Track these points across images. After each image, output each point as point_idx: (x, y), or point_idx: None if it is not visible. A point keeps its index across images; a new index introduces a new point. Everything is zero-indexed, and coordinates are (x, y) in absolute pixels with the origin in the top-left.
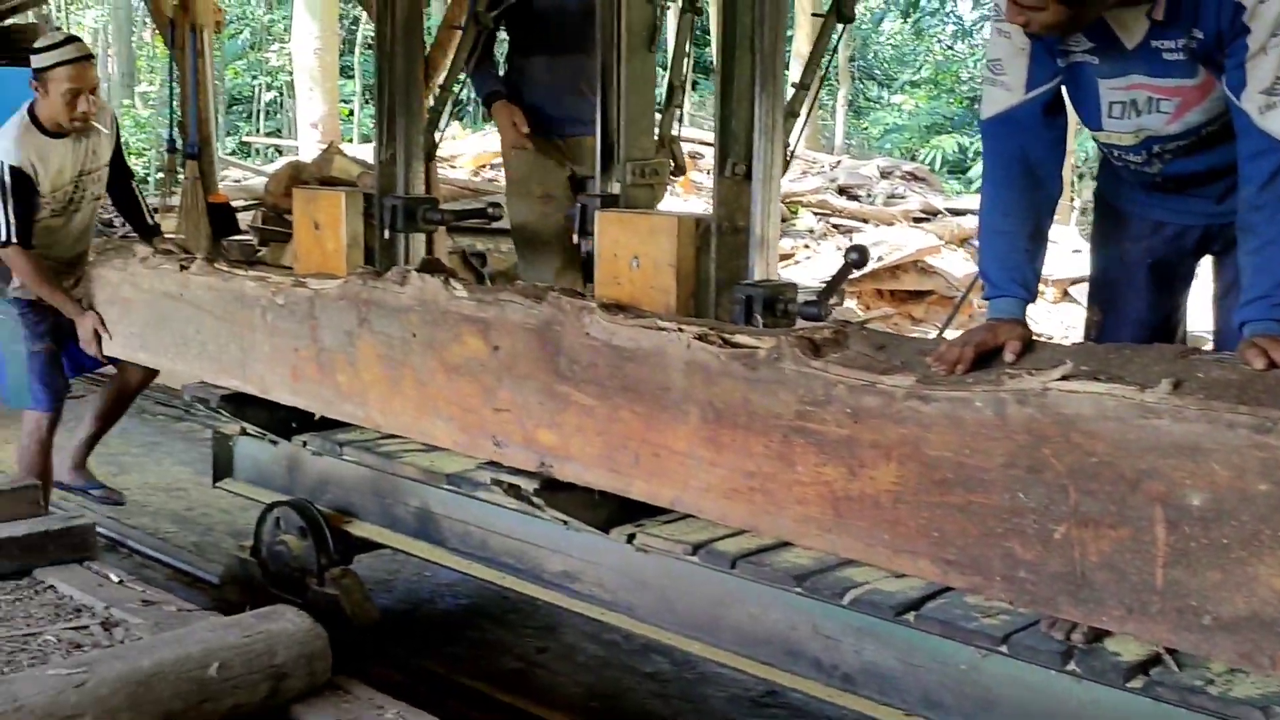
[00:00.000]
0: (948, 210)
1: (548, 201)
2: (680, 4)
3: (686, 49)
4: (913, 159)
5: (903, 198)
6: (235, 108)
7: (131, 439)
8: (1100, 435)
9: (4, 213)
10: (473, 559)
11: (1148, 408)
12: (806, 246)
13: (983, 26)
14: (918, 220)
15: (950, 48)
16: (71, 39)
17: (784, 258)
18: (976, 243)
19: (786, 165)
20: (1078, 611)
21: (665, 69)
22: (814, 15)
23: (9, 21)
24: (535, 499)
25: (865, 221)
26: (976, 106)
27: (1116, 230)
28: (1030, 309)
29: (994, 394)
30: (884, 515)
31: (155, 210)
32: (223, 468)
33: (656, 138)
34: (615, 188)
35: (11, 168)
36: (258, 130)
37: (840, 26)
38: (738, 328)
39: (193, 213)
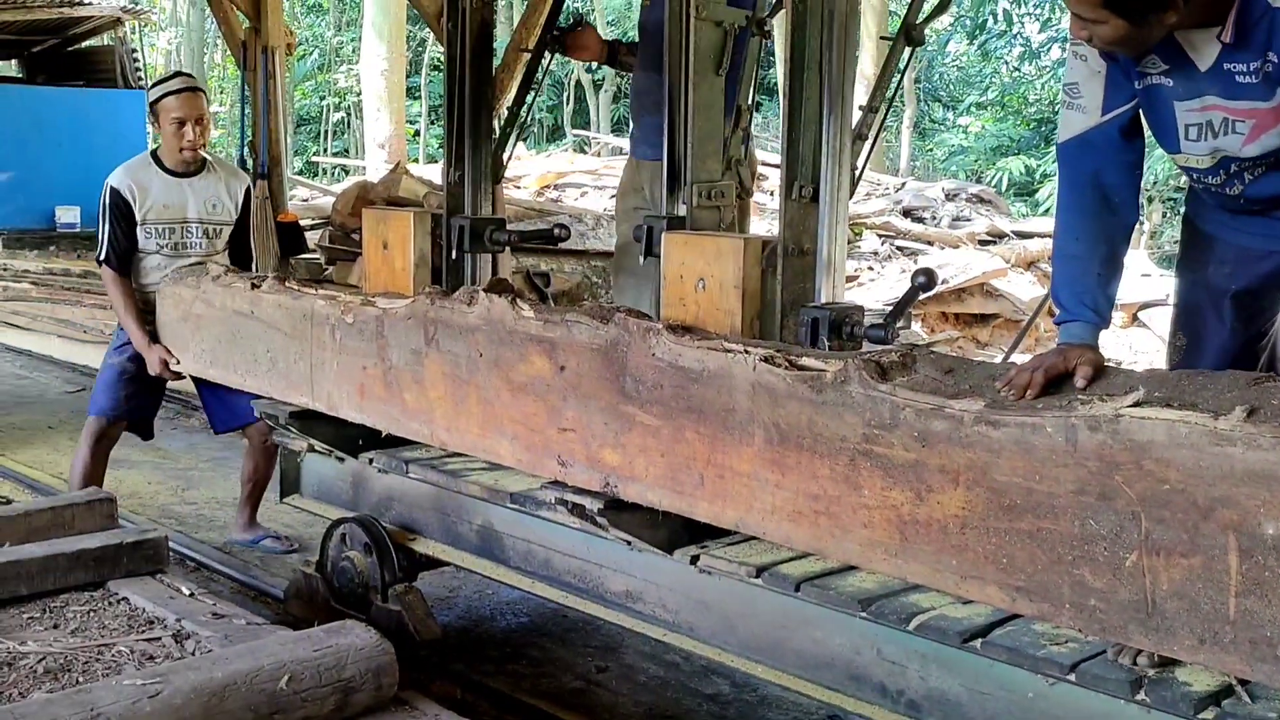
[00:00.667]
0: (1014, 233)
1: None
2: (748, 27)
3: (753, 72)
4: (979, 181)
5: (968, 220)
6: (303, 128)
7: (200, 454)
8: (1173, 463)
9: (102, 232)
10: (535, 578)
11: (1221, 435)
12: (871, 269)
13: (1050, 48)
14: (984, 243)
15: (1017, 69)
16: (180, 74)
17: (848, 280)
18: (1048, 266)
19: (854, 188)
20: (1148, 640)
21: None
22: (882, 39)
23: (84, 45)
24: (599, 519)
25: (930, 244)
26: (1044, 129)
27: (1201, 255)
28: (1100, 334)
29: (1065, 420)
30: (951, 541)
31: None
32: (290, 484)
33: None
34: (682, 210)
35: (112, 188)
36: (325, 150)
37: (908, 50)
38: (804, 350)
39: (261, 231)
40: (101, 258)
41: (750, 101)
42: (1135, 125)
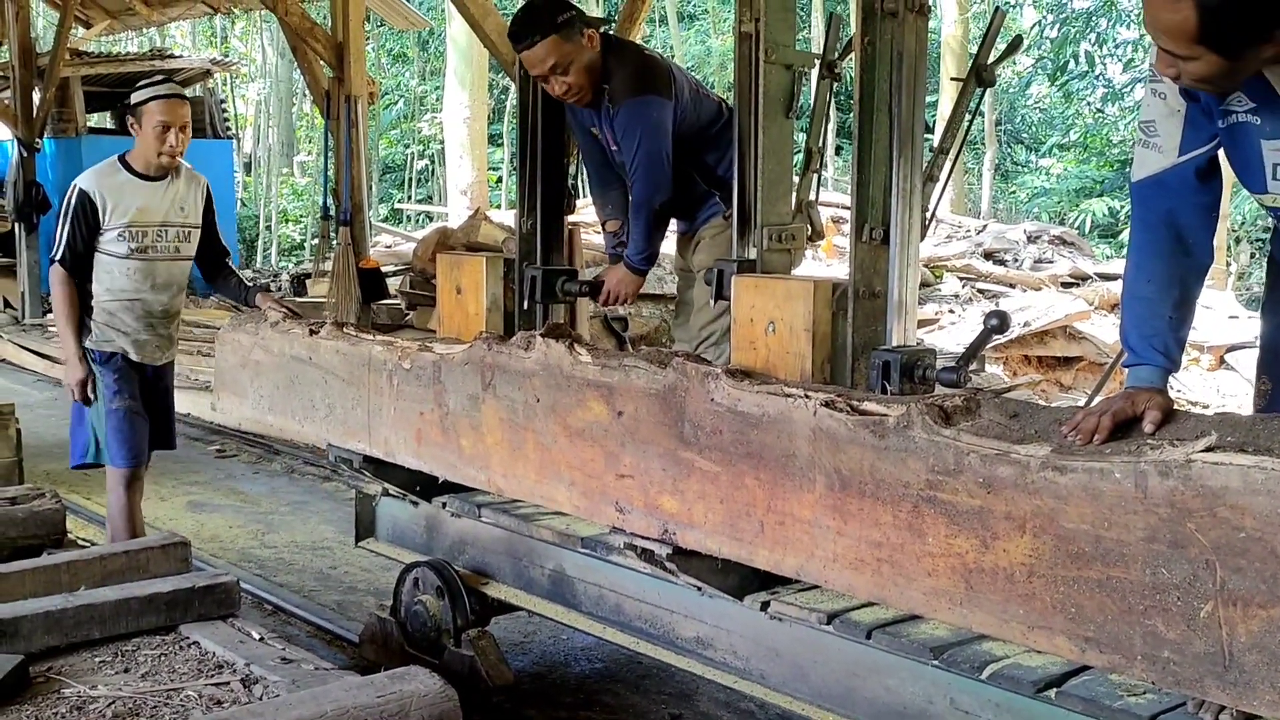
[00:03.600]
0: (1097, 275)
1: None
2: (819, 69)
3: (826, 114)
4: (1061, 223)
5: (1050, 262)
6: (389, 175)
7: (280, 498)
8: (1248, 509)
9: (61, 231)
10: (606, 623)
11: None
12: (951, 311)
13: (1133, 89)
14: (1066, 285)
15: (1100, 110)
16: (167, 80)
17: (928, 323)
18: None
19: (925, 230)
20: (1225, 695)
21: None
22: (953, 79)
23: None
24: (669, 564)
25: (1012, 286)
26: (1128, 170)
27: None
28: (1186, 377)
29: (1134, 465)
30: (1018, 590)
31: (308, 276)
32: (365, 528)
33: (794, 203)
34: (752, 253)
35: (80, 190)
36: (410, 197)
37: (980, 91)
38: (866, 394)
39: (344, 278)
40: (57, 257)
41: (821, 144)
42: (1213, 166)
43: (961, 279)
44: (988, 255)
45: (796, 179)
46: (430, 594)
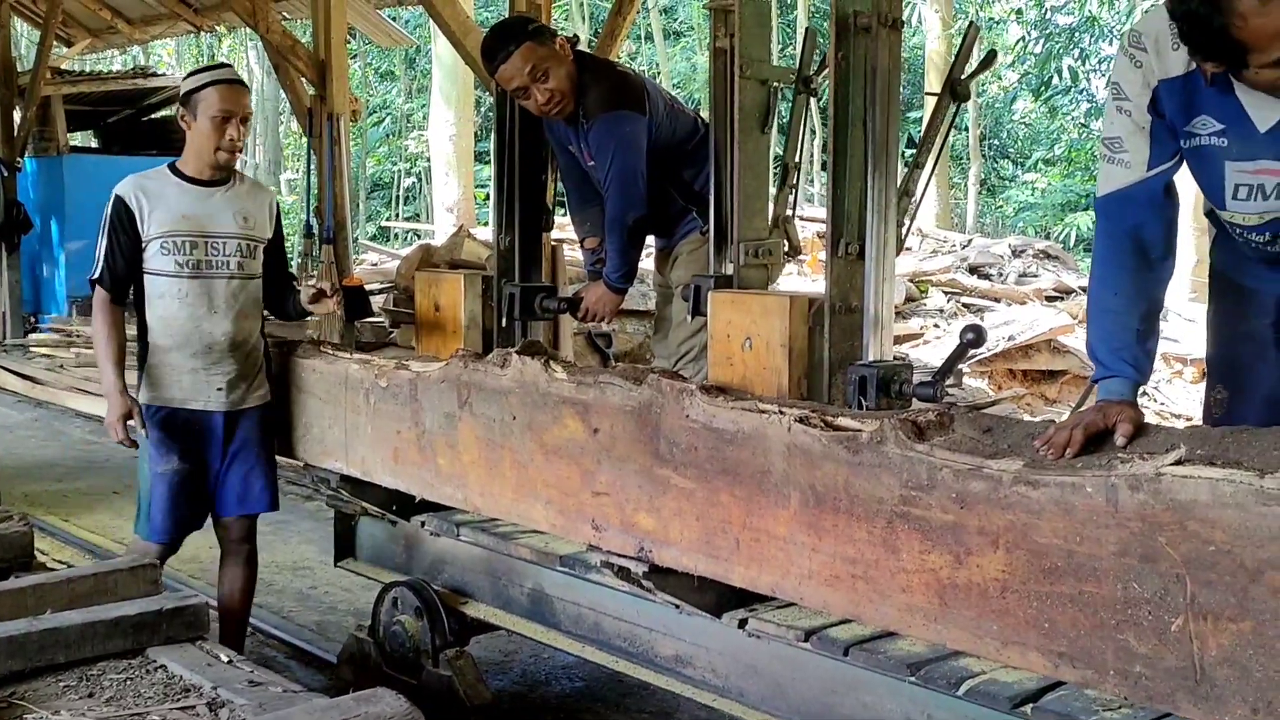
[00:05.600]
0: (1081, 288)
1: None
2: (796, 84)
3: (802, 129)
4: (1047, 237)
5: (1035, 276)
6: (376, 193)
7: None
8: (1218, 523)
9: (100, 247)
10: (586, 641)
11: (1268, 494)
12: (936, 326)
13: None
14: (1050, 299)
15: (1084, 125)
16: (223, 65)
17: (913, 337)
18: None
19: (902, 245)
20: (1197, 710)
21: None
22: (928, 94)
23: (158, 115)
24: (645, 582)
25: (997, 300)
26: None
27: (1240, 308)
28: (1170, 390)
29: (1105, 479)
30: (991, 605)
31: None
32: (344, 548)
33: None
34: (729, 268)
35: (116, 197)
36: (397, 215)
37: (954, 106)
38: (841, 410)
39: None
40: (95, 275)
41: (798, 159)
42: (1174, 181)
43: (946, 293)
44: (973, 270)
45: (777, 194)
46: (409, 614)
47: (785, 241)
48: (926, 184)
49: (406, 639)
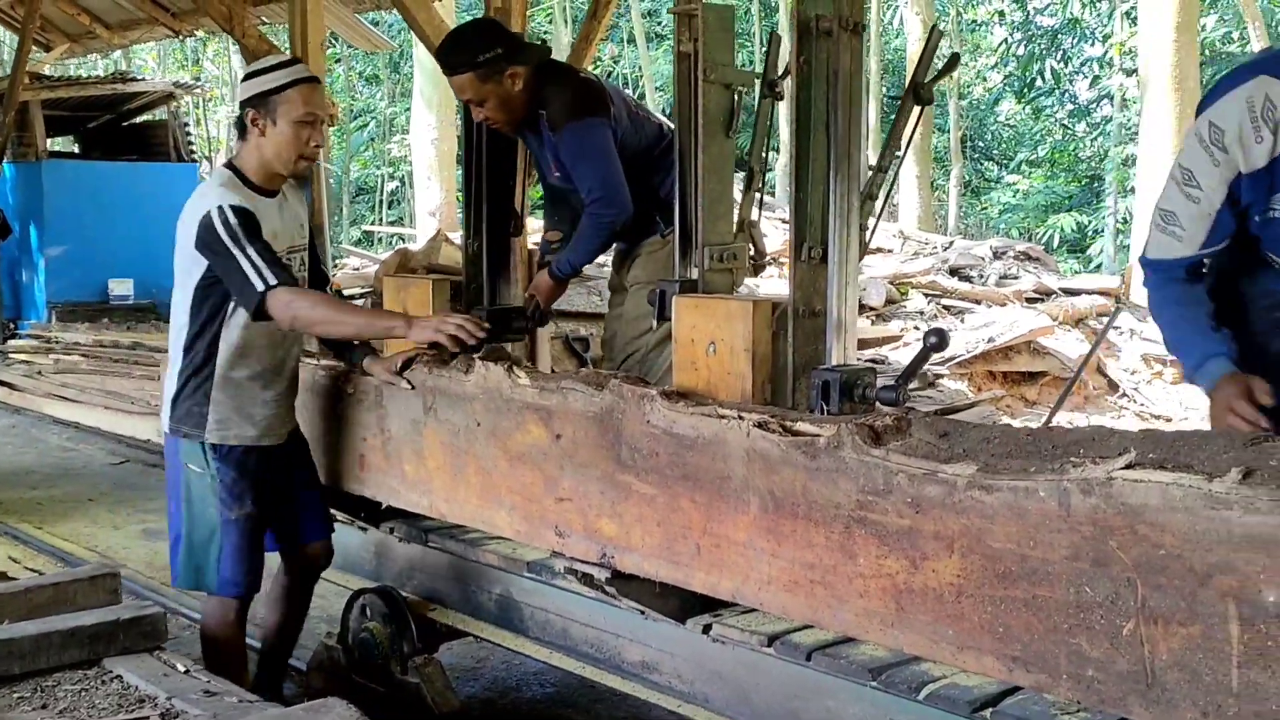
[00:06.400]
0: (1062, 290)
1: None
2: (760, 87)
3: (768, 133)
4: (1031, 238)
5: (1016, 278)
6: (361, 197)
7: None
8: (1168, 527)
9: (246, 260)
10: (553, 647)
11: (1216, 498)
12: (916, 328)
13: (1099, 104)
14: (1031, 301)
15: (1067, 127)
16: (295, 61)
17: (893, 339)
18: (1096, 324)
19: (865, 249)
20: (1149, 713)
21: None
22: (891, 98)
23: (138, 120)
24: (608, 588)
25: (977, 302)
26: (1095, 185)
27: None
28: (1150, 391)
29: (1057, 483)
30: (947, 610)
31: None
32: None
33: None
34: (694, 273)
35: (234, 206)
36: (381, 220)
37: (918, 109)
38: (801, 415)
39: None
40: (272, 282)
41: (763, 163)
42: None
43: (927, 295)
44: (953, 272)
45: (742, 198)
46: (377, 621)
47: (750, 245)
48: (890, 187)
49: (375, 646)
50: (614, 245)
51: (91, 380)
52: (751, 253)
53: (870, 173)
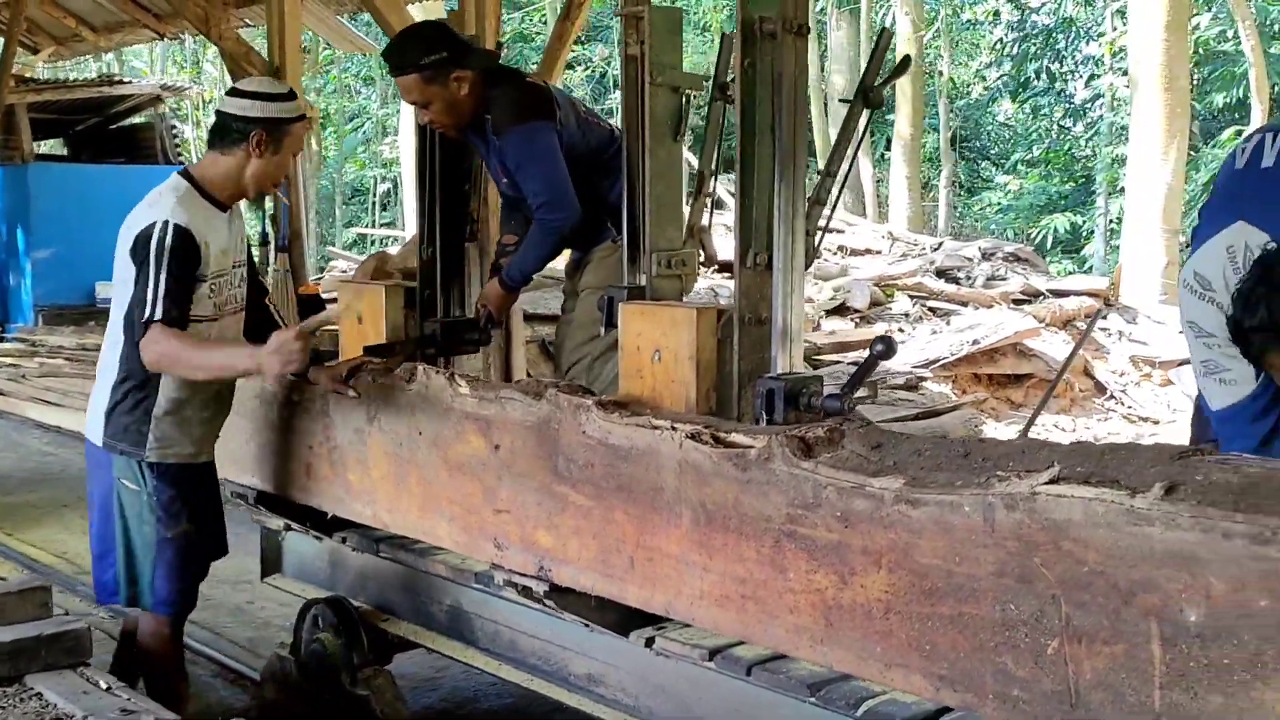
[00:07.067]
0: (1050, 291)
1: None
2: (711, 90)
3: (719, 137)
4: (1027, 238)
5: (1004, 279)
6: (355, 199)
7: None
8: (1091, 543)
9: (154, 283)
10: (503, 659)
11: (1138, 514)
12: (901, 330)
13: (1094, 104)
14: (1018, 302)
15: (1063, 126)
16: (292, 93)
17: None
18: (1083, 325)
19: (814, 255)
20: None
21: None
22: (841, 101)
23: (126, 123)
24: (547, 601)
25: (964, 304)
26: (1090, 185)
27: None
28: (1137, 393)
29: (982, 498)
30: (875, 626)
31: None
32: (271, 563)
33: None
34: (643, 279)
35: (177, 226)
36: (374, 221)
37: (868, 112)
38: (735, 425)
39: (283, 305)
40: (157, 315)
41: (714, 168)
42: None
43: (912, 297)
44: (941, 273)
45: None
46: (328, 631)
47: (701, 252)
48: (840, 192)
49: (326, 657)
50: (569, 252)
51: (74, 384)
52: (702, 259)
53: (819, 177)
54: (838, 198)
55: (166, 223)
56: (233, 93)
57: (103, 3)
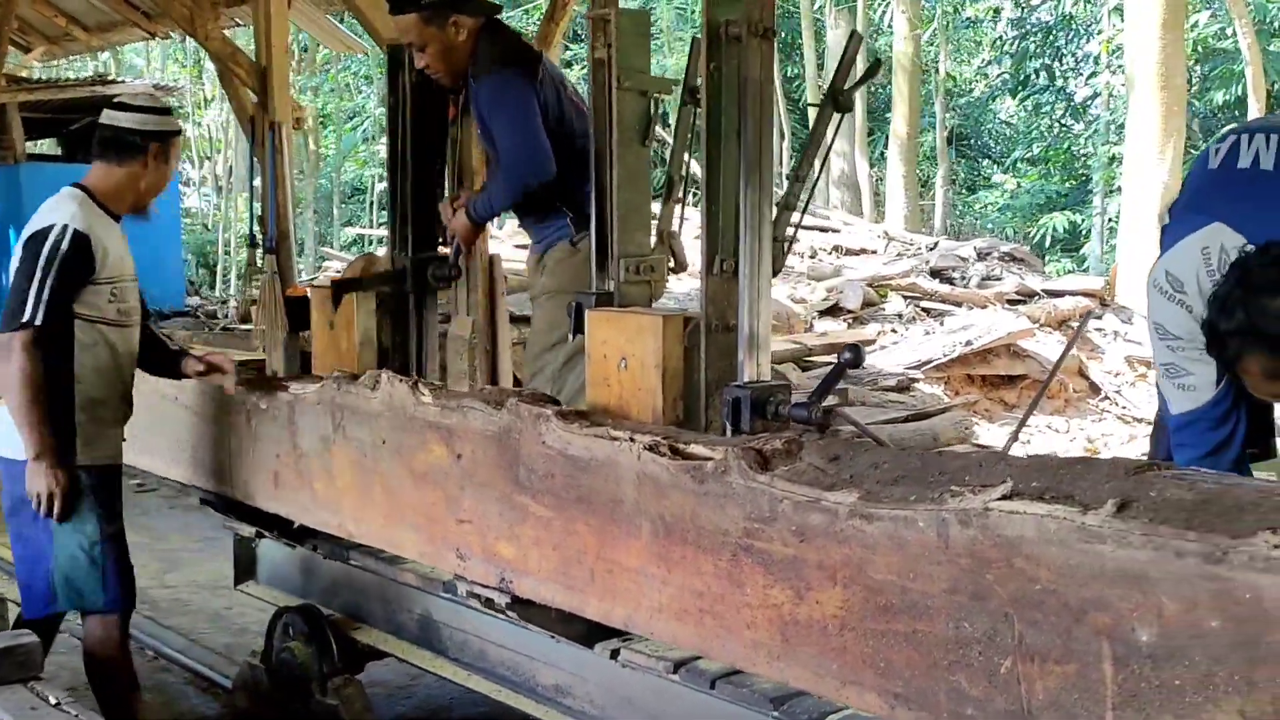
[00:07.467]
0: (1045, 291)
1: None
2: (681, 94)
3: (688, 141)
4: (1025, 238)
5: (998, 279)
6: (355, 198)
7: (191, 533)
8: (1043, 560)
9: (42, 287)
10: (471, 669)
11: (1090, 531)
12: (894, 331)
13: (1093, 102)
14: (1013, 302)
15: (1062, 124)
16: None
17: (867, 343)
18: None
19: (783, 260)
20: None
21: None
22: (809, 105)
23: None
24: (509, 613)
25: (958, 304)
26: (1089, 184)
27: None
28: (1132, 394)
29: (936, 513)
30: (831, 643)
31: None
32: (244, 570)
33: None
34: (611, 285)
35: (76, 232)
36: (373, 221)
37: (837, 116)
38: (695, 436)
39: (270, 307)
40: (24, 318)
41: (684, 172)
42: None
43: (906, 298)
44: (935, 273)
45: (662, 208)
46: (299, 640)
47: (670, 257)
48: (810, 197)
49: (296, 666)
50: (530, 247)
51: None
52: (671, 264)
53: (789, 182)
54: (807, 203)
55: (66, 226)
56: (120, 106)
57: (94, 2)
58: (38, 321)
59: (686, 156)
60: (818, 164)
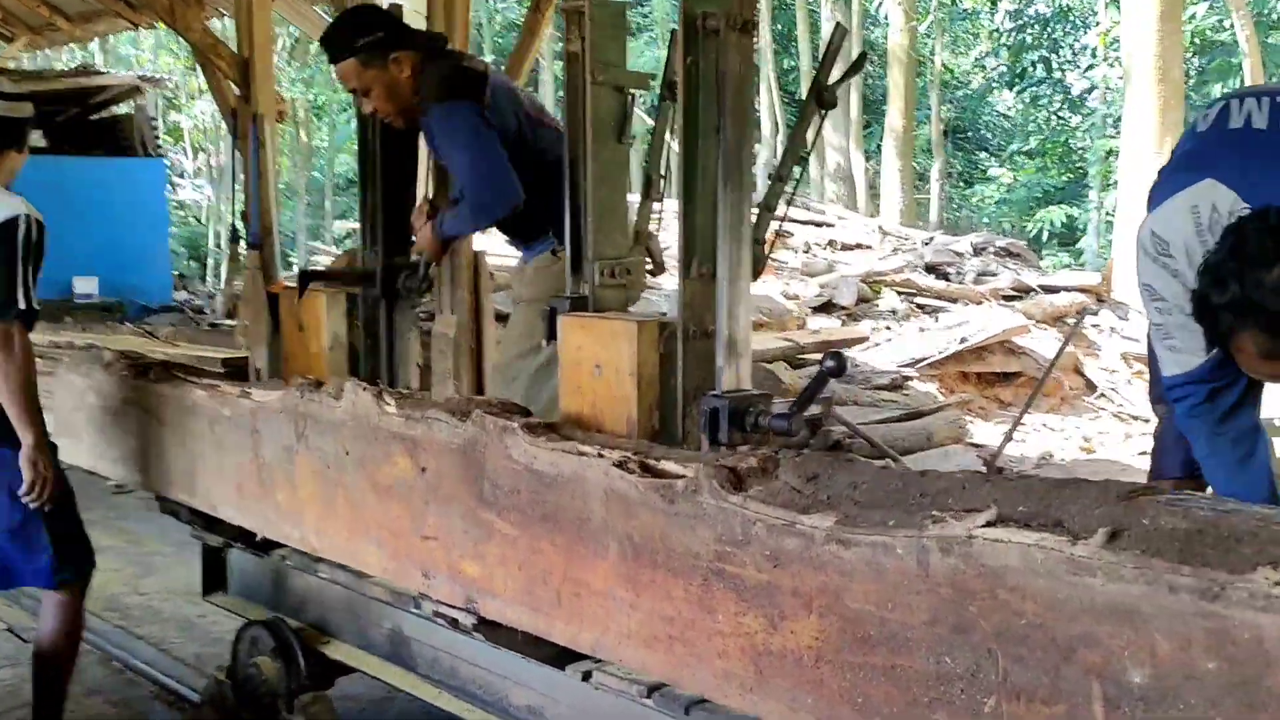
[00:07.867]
0: (1041, 287)
1: None
2: (660, 90)
3: (666, 138)
4: (1022, 231)
5: (994, 275)
6: (349, 190)
7: (168, 537)
8: (1029, 593)
9: (25, 276)
10: (442, 687)
11: (1079, 563)
12: (887, 328)
13: (1091, 95)
14: (1008, 299)
15: (1060, 117)
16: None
17: (860, 340)
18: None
19: (763, 263)
20: None
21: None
22: (794, 101)
23: (106, 114)
24: (476, 634)
25: (953, 300)
26: (1086, 178)
27: None
28: (1129, 392)
29: (916, 540)
30: (806, 675)
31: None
32: (213, 580)
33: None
34: (586, 289)
35: (39, 221)
36: None
37: (821, 113)
38: (666, 452)
39: (253, 302)
40: (21, 304)
41: (663, 170)
42: None
43: (900, 294)
44: (930, 269)
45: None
46: (266, 655)
47: (648, 259)
48: (791, 197)
49: (262, 682)
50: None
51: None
52: (650, 266)
53: (770, 182)
54: (789, 203)
55: (29, 215)
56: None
57: None
58: (35, 306)
59: (665, 154)
60: (802, 162)
